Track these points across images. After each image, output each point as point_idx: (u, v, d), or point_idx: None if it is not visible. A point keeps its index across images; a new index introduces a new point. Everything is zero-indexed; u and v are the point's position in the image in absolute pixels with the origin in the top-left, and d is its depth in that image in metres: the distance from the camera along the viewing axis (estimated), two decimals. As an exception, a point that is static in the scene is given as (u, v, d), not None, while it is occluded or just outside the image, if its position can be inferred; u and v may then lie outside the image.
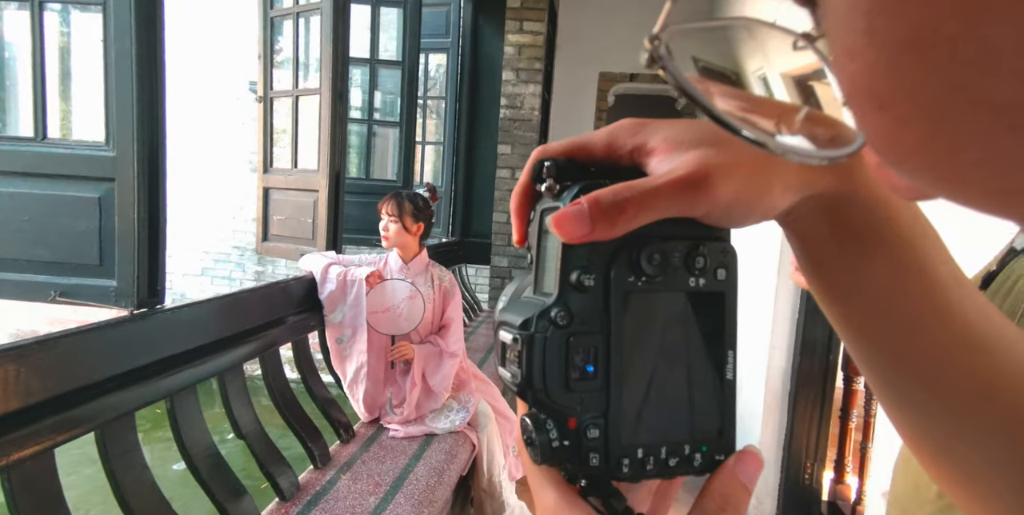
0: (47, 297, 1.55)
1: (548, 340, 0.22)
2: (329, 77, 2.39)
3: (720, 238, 0.24)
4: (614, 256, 0.23)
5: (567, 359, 0.22)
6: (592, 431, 0.23)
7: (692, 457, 0.24)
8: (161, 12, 1.54)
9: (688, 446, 0.24)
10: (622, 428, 0.23)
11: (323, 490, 1.67)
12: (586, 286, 0.22)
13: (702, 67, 0.19)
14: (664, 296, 0.24)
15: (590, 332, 0.23)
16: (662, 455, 0.24)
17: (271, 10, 2.79)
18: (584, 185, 0.23)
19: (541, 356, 0.22)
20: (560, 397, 0.23)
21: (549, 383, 0.22)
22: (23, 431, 1.02)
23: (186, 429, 1.40)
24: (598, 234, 0.21)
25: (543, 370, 0.22)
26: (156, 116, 1.52)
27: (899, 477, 0.80)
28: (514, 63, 4.12)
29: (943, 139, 0.10)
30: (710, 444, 0.24)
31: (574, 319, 0.22)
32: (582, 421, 0.23)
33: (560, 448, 0.23)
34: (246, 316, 1.67)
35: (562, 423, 0.23)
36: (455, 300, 2.27)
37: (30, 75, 1.66)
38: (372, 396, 2.12)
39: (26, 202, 1.58)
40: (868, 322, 0.25)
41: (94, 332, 1.18)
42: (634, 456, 0.23)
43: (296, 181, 2.66)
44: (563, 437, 0.23)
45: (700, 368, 0.24)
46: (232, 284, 6.22)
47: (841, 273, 0.24)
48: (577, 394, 0.23)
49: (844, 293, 0.25)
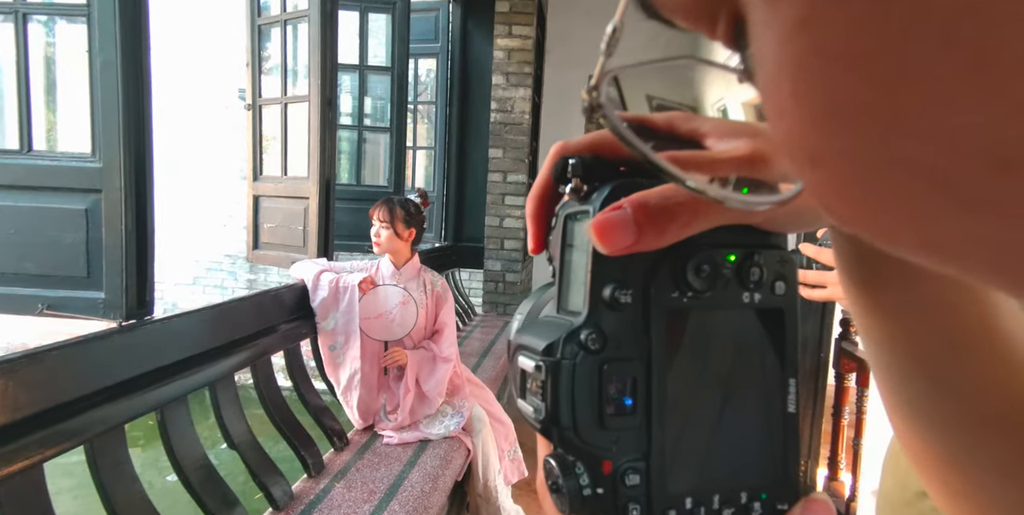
0: (35, 310, 1.53)
1: (578, 368, 0.19)
2: (318, 84, 2.39)
3: (777, 245, 0.21)
4: (655, 268, 0.19)
5: (600, 390, 0.19)
6: (631, 477, 0.19)
7: (750, 507, 0.20)
8: (146, 22, 1.53)
9: (745, 493, 0.20)
10: (667, 473, 0.20)
11: (317, 499, 1.67)
12: (622, 303, 0.19)
13: (657, 105, 0.19)
14: (714, 314, 0.20)
15: (627, 358, 0.19)
16: (714, 505, 0.20)
17: (258, 18, 2.78)
18: (617, 185, 0.20)
19: (570, 387, 0.19)
20: (592, 436, 0.19)
21: (579, 419, 0.19)
22: (11, 446, 1.02)
23: (177, 440, 1.40)
24: (644, 243, 0.18)
25: (572, 403, 0.19)
26: (142, 126, 1.52)
27: (887, 476, 0.81)
28: (504, 67, 4.13)
29: (874, 196, 0.11)
30: (770, 491, 0.21)
31: (608, 343, 0.19)
32: (619, 465, 0.19)
33: (593, 497, 0.19)
34: (237, 325, 1.66)
35: (595, 467, 0.19)
36: (448, 305, 2.27)
37: (15, 87, 1.65)
38: (366, 403, 2.12)
39: (12, 215, 1.57)
40: (914, 338, 0.23)
41: (82, 345, 1.17)
42: (681, 507, 0.20)
43: (286, 188, 2.65)
44: (596, 484, 0.19)
45: (756, 400, 0.21)
46: (224, 293, 6.19)
47: (896, 284, 0.22)
48: (612, 432, 0.19)
49: (896, 307, 0.23)
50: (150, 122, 1.54)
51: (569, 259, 0.21)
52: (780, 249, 0.21)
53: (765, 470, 0.21)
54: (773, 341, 0.21)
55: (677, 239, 0.18)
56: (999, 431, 0.23)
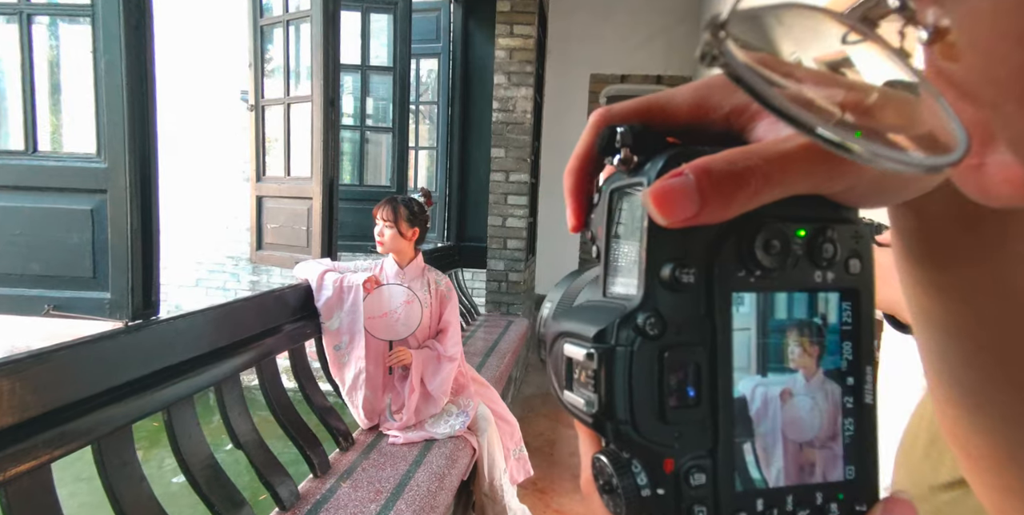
0: (41, 311, 1.54)
1: (635, 355, 0.17)
2: (320, 84, 2.39)
3: (850, 220, 0.19)
4: (718, 244, 0.18)
5: (661, 380, 0.17)
6: (696, 476, 0.18)
7: (826, 508, 0.19)
8: (150, 22, 1.53)
9: (820, 494, 0.19)
10: (736, 472, 0.18)
11: (323, 499, 1.66)
12: (683, 283, 0.17)
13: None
14: (783, 295, 0.19)
15: (689, 344, 0.18)
16: (788, 507, 0.19)
17: (261, 18, 2.79)
18: (674, 153, 0.18)
19: (626, 376, 0.17)
20: (652, 431, 0.17)
21: (638, 412, 0.17)
22: (19, 446, 1.01)
23: (183, 440, 1.39)
24: (707, 215, 0.16)
25: (629, 395, 0.17)
26: (147, 126, 1.52)
27: (899, 470, 0.80)
28: (505, 67, 4.13)
29: None
30: (848, 491, 0.19)
31: (668, 327, 0.17)
32: (681, 462, 0.18)
33: (652, 498, 0.17)
34: (242, 326, 1.66)
35: (654, 465, 0.18)
36: (452, 304, 2.27)
37: (19, 88, 1.65)
38: (371, 402, 2.12)
39: (17, 216, 1.58)
40: (982, 321, 0.22)
41: (88, 345, 1.17)
42: (753, 509, 0.18)
43: (289, 189, 2.65)
44: (656, 484, 0.17)
45: (830, 390, 0.19)
46: (227, 294, 6.19)
47: (968, 264, 0.21)
48: (675, 427, 0.17)
49: (965, 288, 0.21)
50: (155, 122, 1.54)
51: (618, 236, 0.19)
52: (855, 224, 0.19)
53: (842, 469, 0.19)
54: (847, 325, 0.19)
55: (744, 210, 0.16)
56: None
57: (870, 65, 0.16)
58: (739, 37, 0.14)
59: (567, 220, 0.22)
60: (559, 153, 5.26)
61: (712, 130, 0.19)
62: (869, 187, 0.18)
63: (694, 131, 0.19)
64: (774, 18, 0.16)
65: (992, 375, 0.23)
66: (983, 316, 0.22)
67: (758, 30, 0.15)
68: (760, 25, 0.15)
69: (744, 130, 0.19)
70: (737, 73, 0.13)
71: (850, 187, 0.18)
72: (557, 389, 0.20)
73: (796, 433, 0.19)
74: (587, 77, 5.30)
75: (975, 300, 0.22)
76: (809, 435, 0.19)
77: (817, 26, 0.16)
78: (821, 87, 0.16)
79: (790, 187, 0.17)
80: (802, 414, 0.19)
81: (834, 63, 0.16)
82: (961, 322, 0.22)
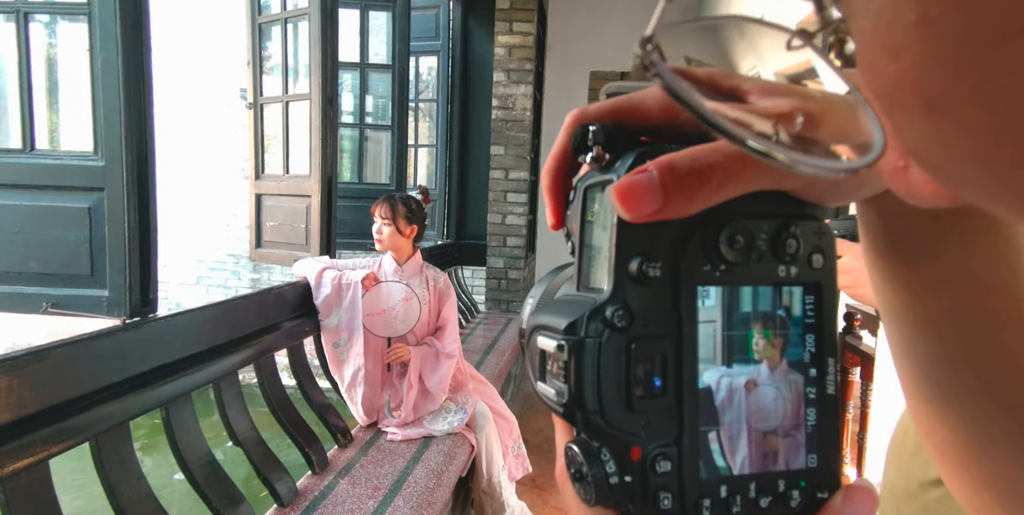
0: (39, 309, 1.54)
1: (604, 346, 0.18)
2: (319, 82, 2.39)
3: (813, 216, 0.20)
4: (684, 239, 0.18)
5: (628, 371, 0.18)
6: (662, 463, 0.18)
7: (788, 495, 0.19)
8: (147, 20, 1.54)
9: (783, 481, 0.19)
10: (701, 459, 0.18)
11: (321, 495, 1.67)
12: (650, 277, 0.18)
13: (694, 66, 0.17)
14: (748, 289, 0.19)
15: (656, 336, 0.18)
16: (751, 493, 0.19)
17: (259, 16, 2.78)
18: (643, 151, 0.18)
19: (595, 367, 0.18)
20: (620, 420, 0.18)
21: (606, 401, 0.18)
22: (17, 443, 1.02)
23: (182, 437, 1.40)
24: (671, 210, 0.16)
25: (598, 385, 0.18)
26: (144, 124, 1.52)
27: (890, 467, 0.81)
28: (505, 64, 4.13)
29: (1010, 147, 0.09)
30: (809, 478, 0.19)
31: (635, 319, 0.18)
32: (648, 450, 0.18)
33: (620, 485, 0.18)
34: (240, 323, 1.67)
35: (622, 453, 0.18)
36: (451, 301, 2.28)
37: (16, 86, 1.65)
38: (370, 399, 2.12)
39: (15, 214, 1.58)
40: (947, 317, 0.22)
41: (86, 342, 1.18)
42: (716, 496, 0.18)
43: (288, 187, 2.65)
44: (624, 471, 0.18)
45: (794, 380, 0.20)
46: (228, 292, 6.20)
47: (934, 260, 0.21)
48: (641, 415, 0.18)
49: (932, 284, 0.22)
50: (152, 120, 1.54)
51: (591, 232, 0.20)
52: (817, 220, 0.20)
53: (804, 456, 0.20)
54: (810, 318, 0.20)
55: (707, 205, 0.17)
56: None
57: (825, 75, 0.16)
58: (685, 50, 0.15)
59: (547, 218, 0.23)
60: (559, 150, 5.25)
61: (683, 130, 0.20)
62: (827, 184, 0.19)
63: (666, 131, 0.20)
64: (736, 32, 0.17)
65: (958, 370, 0.23)
66: (947, 311, 0.22)
67: (715, 44, 0.16)
68: (718, 39, 0.16)
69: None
70: (668, 85, 0.13)
71: (809, 184, 0.19)
72: (533, 380, 0.21)
73: (760, 422, 0.19)
74: (587, 74, 5.29)
75: (939, 295, 0.22)
76: (773, 424, 0.19)
77: (764, 37, 0.16)
78: (769, 98, 0.16)
79: (751, 183, 0.17)
80: (766, 403, 0.19)
81: (797, 75, 0.17)
82: (926, 317, 0.23)
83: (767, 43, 0.16)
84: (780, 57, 0.16)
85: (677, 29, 0.15)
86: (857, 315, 2.11)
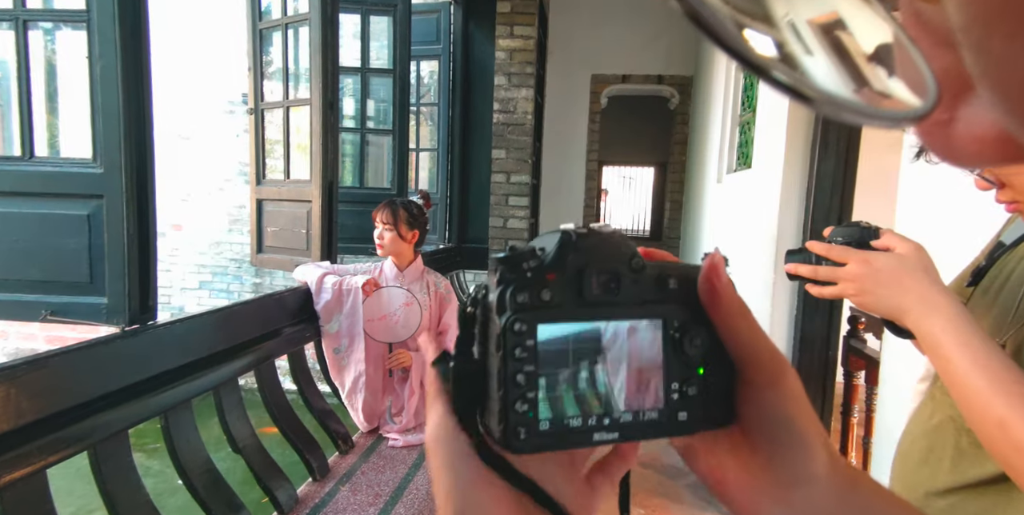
0: (38, 316, 1.54)
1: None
2: (319, 87, 2.39)
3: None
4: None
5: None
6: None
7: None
8: (146, 27, 1.53)
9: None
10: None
11: (322, 502, 1.66)
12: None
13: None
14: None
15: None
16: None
17: (260, 22, 2.79)
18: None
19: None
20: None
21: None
22: (14, 452, 1.01)
23: (181, 445, 1.39)
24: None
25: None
26: (144, 131, 1.52)
27: (895, 477, 0.79)
28: (506, 68, 4.13)
29: None
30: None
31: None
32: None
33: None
34: (240, 329, 1.66)
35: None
36: (452, 306, 2.27)
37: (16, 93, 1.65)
38: (371, 405, 2.11)
39: (15, 221, 1.58)
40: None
41: (85, 350, 1.17)
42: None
43: (289, 192, 2.65)
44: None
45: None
46: (230, 297, 6.20)
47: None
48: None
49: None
50: (151, 127, 1.54)
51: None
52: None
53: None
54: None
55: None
56: None
57: (860, 22, 0.15)
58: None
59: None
60: (560, 154, 5.25)
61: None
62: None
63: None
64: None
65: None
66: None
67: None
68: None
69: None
70: (692, 8, 0.12)
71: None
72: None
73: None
74: (588, 77, 5.29)
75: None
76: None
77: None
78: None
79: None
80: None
81: (828, 24, 0.15)
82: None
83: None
84: (814, 3, 0.15)
85: None
86: (861, 318, 2.09)
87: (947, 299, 0.58)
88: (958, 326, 0.56)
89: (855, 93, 0.13)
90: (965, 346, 0.55)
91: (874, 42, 0.14)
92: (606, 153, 7.17)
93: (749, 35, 0.12)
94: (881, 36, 0.14)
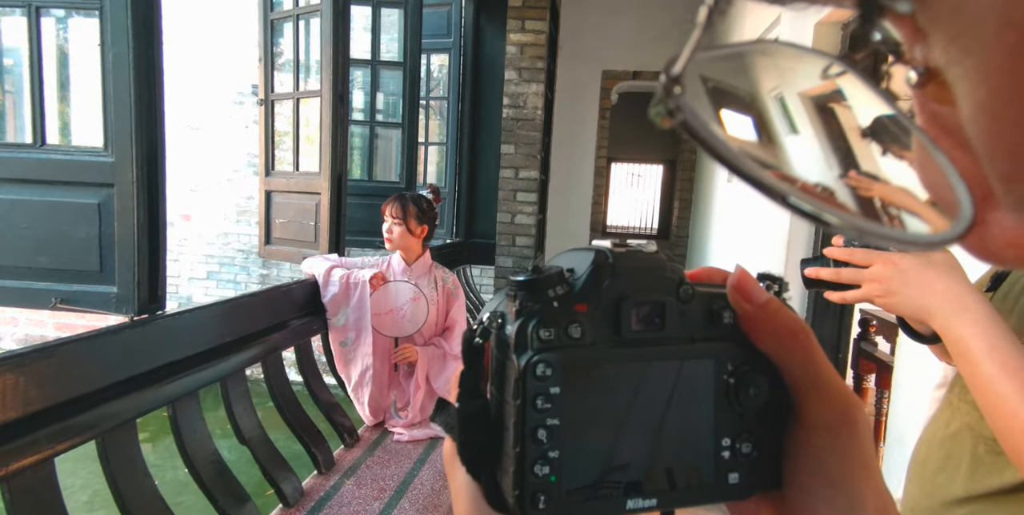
0: (48, 304, 1.54)
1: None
2: (330, 79, 2.38)
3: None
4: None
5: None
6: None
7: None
8: (158, 15, 1.53)
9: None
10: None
11: (327, 496, 1.66)
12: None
13: (712, 87, 0.16)
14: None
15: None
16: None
17: (271, 13, 2.78)
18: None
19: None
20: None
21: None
22: (22, 440, 1.01)
23: (188, 435, 1.39)
24: None
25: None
26: (154, 120, 1.51)
27: (911, 484, 0.78)
28: (516, 62, 4.10)
29: None
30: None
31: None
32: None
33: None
34: (248, 321, 1.66)
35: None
36: (459, 301, 2.26)
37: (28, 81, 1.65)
38: (377, 399, 2.11)
39: (25, 209, 1.58)
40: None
41: (93, 339, 1.17)
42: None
43: (298, 184, 2.65)
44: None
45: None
46: (238, 288, 6.23)
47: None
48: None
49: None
50: (162, 116, 1.54)
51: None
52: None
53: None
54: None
55: None
56: None
57: (859, 100, 0.15)
58: (710, 77, 0.13)
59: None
60: (569, 150, 5.22)
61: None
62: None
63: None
64: (760, 56, 0.15)
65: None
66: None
67: (736, 70, 0.15)
68: (738, 65, 0.15)
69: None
70: (697, 133, 0.11)
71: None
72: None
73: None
74: (599, 73, 5.26)
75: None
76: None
77: (797, 61, 0.15)
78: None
79: None
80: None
81: (822, 97, 0.15)
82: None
83: (797, 67, 0.15)
84: (807, 82, 0.15)
85: (700, 59, 0.13)
86: (872, 321, 2.07)
87: (976, 300, 0.57)
88: (987, 328, 0.55)
89: (879, 218, 0.13)
90: (994, 350, 0.54)
91: (897, 175, 0.14)
92: (615, 149, 7.13)
93: (764, 163, 0.12)
94: (902, 171, 0.14)
